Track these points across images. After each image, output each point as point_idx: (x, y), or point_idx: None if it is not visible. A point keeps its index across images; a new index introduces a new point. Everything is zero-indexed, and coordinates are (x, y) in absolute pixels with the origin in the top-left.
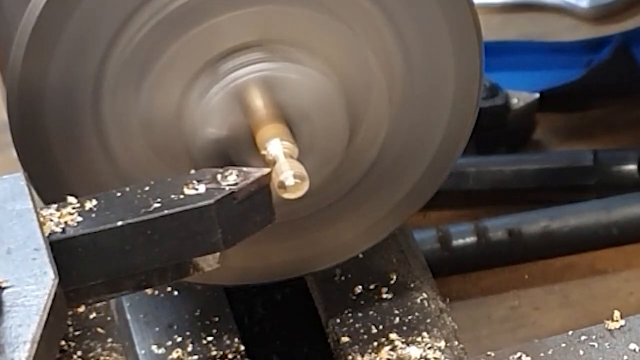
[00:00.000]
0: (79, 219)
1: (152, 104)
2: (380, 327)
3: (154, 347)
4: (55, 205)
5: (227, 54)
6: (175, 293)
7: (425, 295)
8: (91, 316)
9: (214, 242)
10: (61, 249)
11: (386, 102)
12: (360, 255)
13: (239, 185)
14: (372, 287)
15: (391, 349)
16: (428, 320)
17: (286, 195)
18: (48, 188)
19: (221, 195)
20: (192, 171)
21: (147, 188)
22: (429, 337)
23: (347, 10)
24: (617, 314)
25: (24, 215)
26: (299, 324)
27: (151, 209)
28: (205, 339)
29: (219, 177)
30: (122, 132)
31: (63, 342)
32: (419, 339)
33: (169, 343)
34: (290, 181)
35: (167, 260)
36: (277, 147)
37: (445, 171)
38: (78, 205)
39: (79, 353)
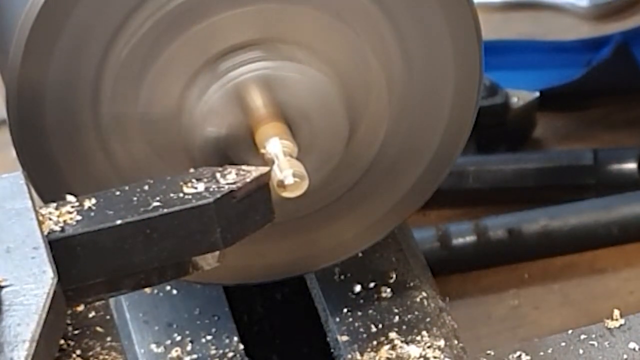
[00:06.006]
0: (78, 217)
1: (152, 103)
2: (380, 326)
3: (153, 346)
4: (54, 204)
5: (226, 53)
6: (175, 292)
7: (424, 294)
8: (90, 315)
9: (213, 241)
10: (60, 248)
11: (386, 101)
12: (360, 254)
13: (238, 184)
14: (371, 286)
15: (391, 348)
16: (428, 319)
17: (285, 194)
18: (47, 187)
19: (220, 194)
20: (192, 170)
21: (146, 187)
22: (429, 336)
23: (347, 9)
24: (616, 313)
25: (23, 214)
26: (298, 323)
27: (150, 207)
28: (204, 338)
29: (218, 175)
30: (121, 131)
31: (62, 341)
32: (418, 338)
33: (168, 342)
34: (289, 180)
35: (167, 259)
36: (276, 145)
37: (445, 170)
38: (77, 204)
39: (78, 352)
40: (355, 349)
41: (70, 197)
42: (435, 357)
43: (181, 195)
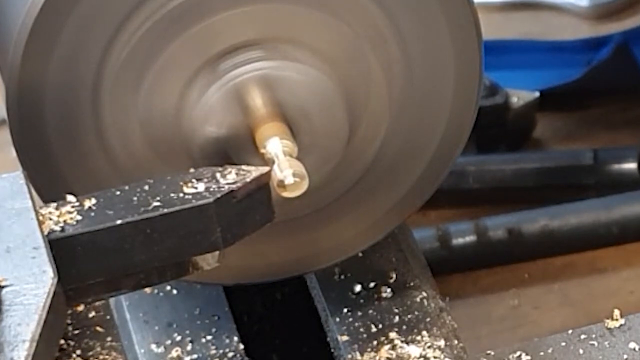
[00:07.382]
0: (78, 217)
1: (151, 103)
2: (380, 326)
3: (153, 346)
4: (54, 204)
5: (226, 53)
6: (175, 292)
7: (424, 294)
8: (90, 315)
9: (213, 241)
10: (60, 248)
11: (386, 100)
12: (360, 254)
13: (238, 183)
14: (371, 286)
15: (391, 348)
16: (428, 319)
17: (285, 194)
18: (47, 187)
19: (220, 193)
20: (192, 170)
21: (146, 187)
22: (429, 336)
23: (346, 8)
24: (617, 312)
25: (23, 214)
26: (298, 323)
27: (150, 207)
28: (204, 337)
29: (218, 175)
30: (121, 131)
31: (62, 341)
32: (418, 337)
33: (168, 342)
34: (289, 180)
35: (167, 259)
36: (276, 145)
37: (445, 170)
38: (77, 204)
39: (78, 352)
40: (355, 349)
41: (70, 197)
42: (435, 357)
43: (181, 195)
